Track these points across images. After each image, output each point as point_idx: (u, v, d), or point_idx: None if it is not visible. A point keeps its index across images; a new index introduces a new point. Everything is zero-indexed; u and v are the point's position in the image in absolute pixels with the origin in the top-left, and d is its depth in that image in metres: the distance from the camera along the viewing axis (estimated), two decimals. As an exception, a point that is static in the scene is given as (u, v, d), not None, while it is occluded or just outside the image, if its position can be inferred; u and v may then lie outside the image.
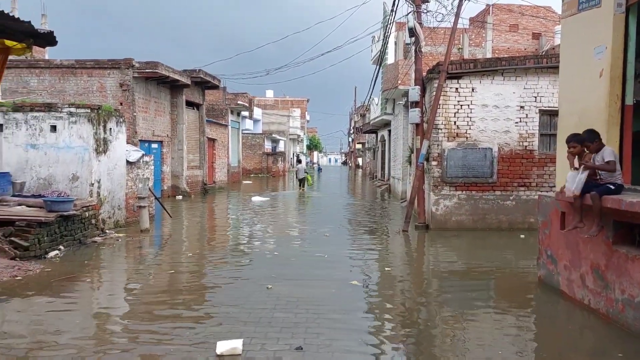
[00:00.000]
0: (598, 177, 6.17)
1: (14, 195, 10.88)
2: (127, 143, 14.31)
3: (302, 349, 5.09)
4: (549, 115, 13.11)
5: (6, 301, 6.66)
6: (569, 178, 6.32)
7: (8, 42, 7.38)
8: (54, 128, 11.50)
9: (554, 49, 26.30)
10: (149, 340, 5.32)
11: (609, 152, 6.01)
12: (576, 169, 6.25)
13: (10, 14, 6.89)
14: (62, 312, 6.29)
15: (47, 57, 22.89)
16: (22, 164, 11.50)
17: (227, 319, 6.02)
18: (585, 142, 6.23)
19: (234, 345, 4.92)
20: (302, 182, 27.58)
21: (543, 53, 25.55)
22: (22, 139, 11.51)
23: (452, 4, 14.32)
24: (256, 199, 21.77)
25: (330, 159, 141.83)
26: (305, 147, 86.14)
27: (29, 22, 6.88)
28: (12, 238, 9.08)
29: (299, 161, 30.43)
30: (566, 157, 6.54)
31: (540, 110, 13.24)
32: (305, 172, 28.13)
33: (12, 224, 9.30)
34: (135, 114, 18.42)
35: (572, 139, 6.40)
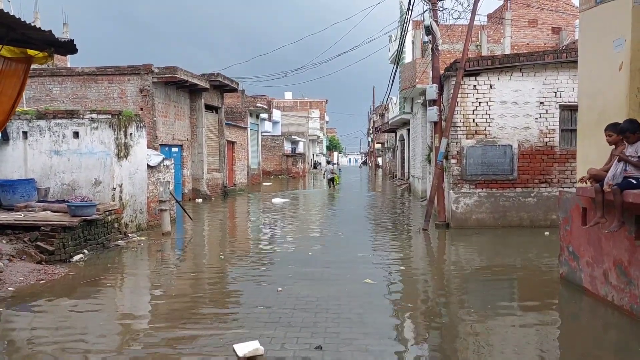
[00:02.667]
0: (625, 170, 6.02)
1: (39, 201, 11.13)
2: (148, 147, 14.51)
3: (321, 348, 5.11)
4: (570, 111, 12.92)
5: (33, 305, 6.81)
6: (609, 174, 6.16)
7: (30, 52, 7.56)
8: (76, 134, 11.74)
9: (574, 43, 25.91)
10: (171, 343, 5.40)
11: None
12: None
13: (32, 24, 7.05)
14: (86, 315, 6.41)
15: (69, 65, 23.32)
16: (47, 170, 11.76)
17: (247, 319, 6.07)
18: (627, 133, 5.99)
19: (254, 346, 4.93)
20: (331, 181, 30.84)
21: (563, 47, 25.16)
22: (46, 146, 11.77)
23: (468, 1, 14.23)
24: (277, 200, 21.89)
25: (350, 159, 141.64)
26: (324, 148, 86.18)
27: (50, 31, 7.03)
28: (38, 242, 9.30)
29: (328, 162, 36.11)
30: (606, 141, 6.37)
31: (560, 106, 13.07)
32: (333, 173, 31.30)
33: (37, 229, 9.52)
34: (155, 118, 18.65)
35: (610, 128, 6.22)
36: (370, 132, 76.26)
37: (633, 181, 5.80)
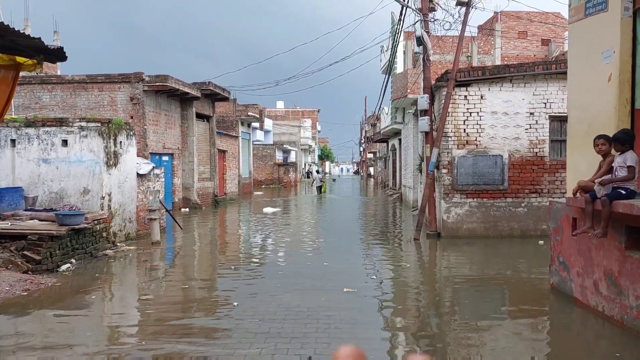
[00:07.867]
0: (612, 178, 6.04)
1: (26, 210, 11.00)
2: (138, 156, 14.42)
3: (311, 359, 5.06)
4: (560, 121, 13.00)
5: (19, 315, 6.70)
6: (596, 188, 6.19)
7: (19, 59, 7.47)
8: (65, 142, 11.63)
9: (563, 54, 26.14)
10: (160, 355, 5.32)
11: (631, 158, 5.86)
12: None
13: (22, 31, 6.99)
14: (73, 326, 6.31)
15: (59, 73, 23.20)
16: (35, 178, 11.63)
17: (237, 331, 6.00)
18: (616, 142, 6.03)
19: None
20: (319, 188, 34.40)
21: (553, 59, 25.39)
22: (34, 154, 11.65)
23: (458, 12, 14.30)
24: (268, 209, 21.81)
25: (342, 169, 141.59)
26: (316, 157, 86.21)
27: (39, 38, 6.95)
28: (25, 252, 9.17)
29: (317, 172, 41.26)
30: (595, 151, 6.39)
31: (550, 117, 13.14)
32: (322, 181, 35.28)
33: (24, 238, 9.40)
34: (145, 127, 18.56)
35: (602, 137, 6.23)
36: (362, 141, 76.44)
37: (622, 192, 5.82)
